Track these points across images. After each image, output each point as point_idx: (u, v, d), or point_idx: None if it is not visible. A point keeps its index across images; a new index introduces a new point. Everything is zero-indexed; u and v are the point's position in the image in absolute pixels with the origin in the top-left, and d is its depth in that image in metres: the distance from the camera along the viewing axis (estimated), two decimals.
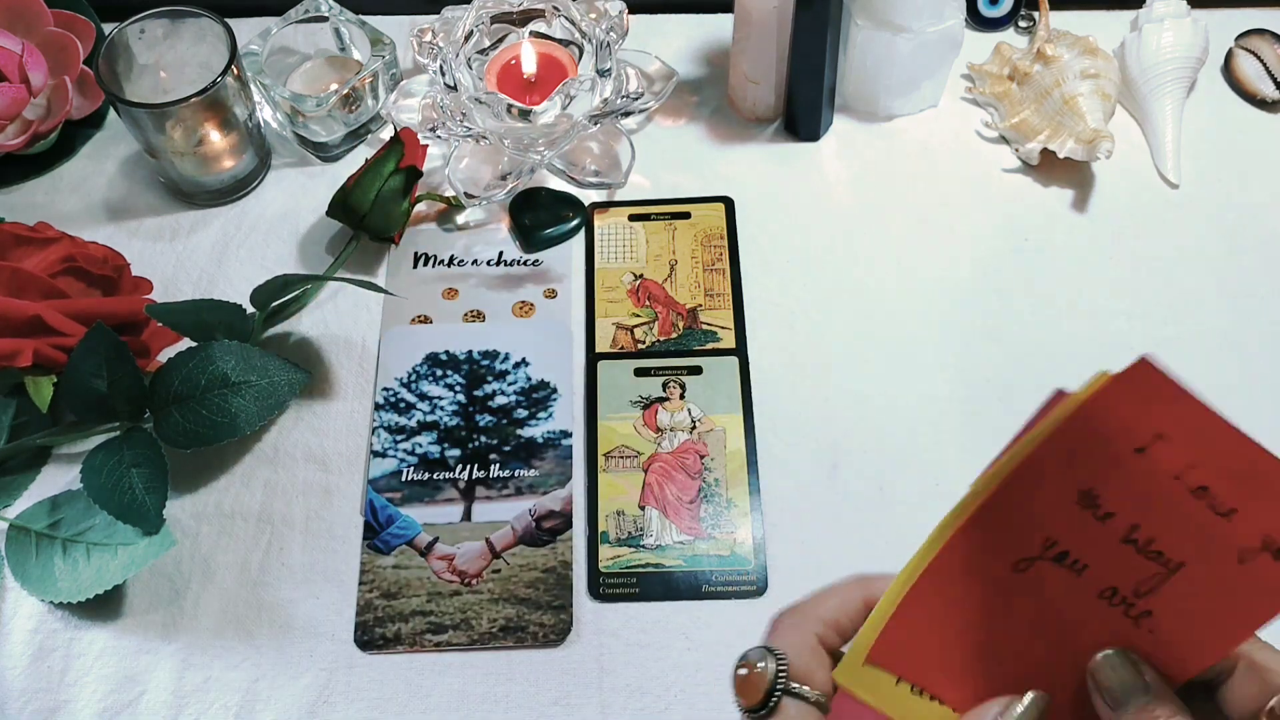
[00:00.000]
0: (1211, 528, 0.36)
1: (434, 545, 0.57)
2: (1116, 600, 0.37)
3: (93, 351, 0.55)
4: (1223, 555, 0.36)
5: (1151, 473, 0.35)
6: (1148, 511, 0.36)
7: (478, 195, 0.65)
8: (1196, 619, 0.37)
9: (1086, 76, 0.67)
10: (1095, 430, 0.36)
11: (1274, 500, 0.35)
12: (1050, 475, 0.36)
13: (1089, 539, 0.36)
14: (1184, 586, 0.36)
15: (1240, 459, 0.36)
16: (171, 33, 0.66)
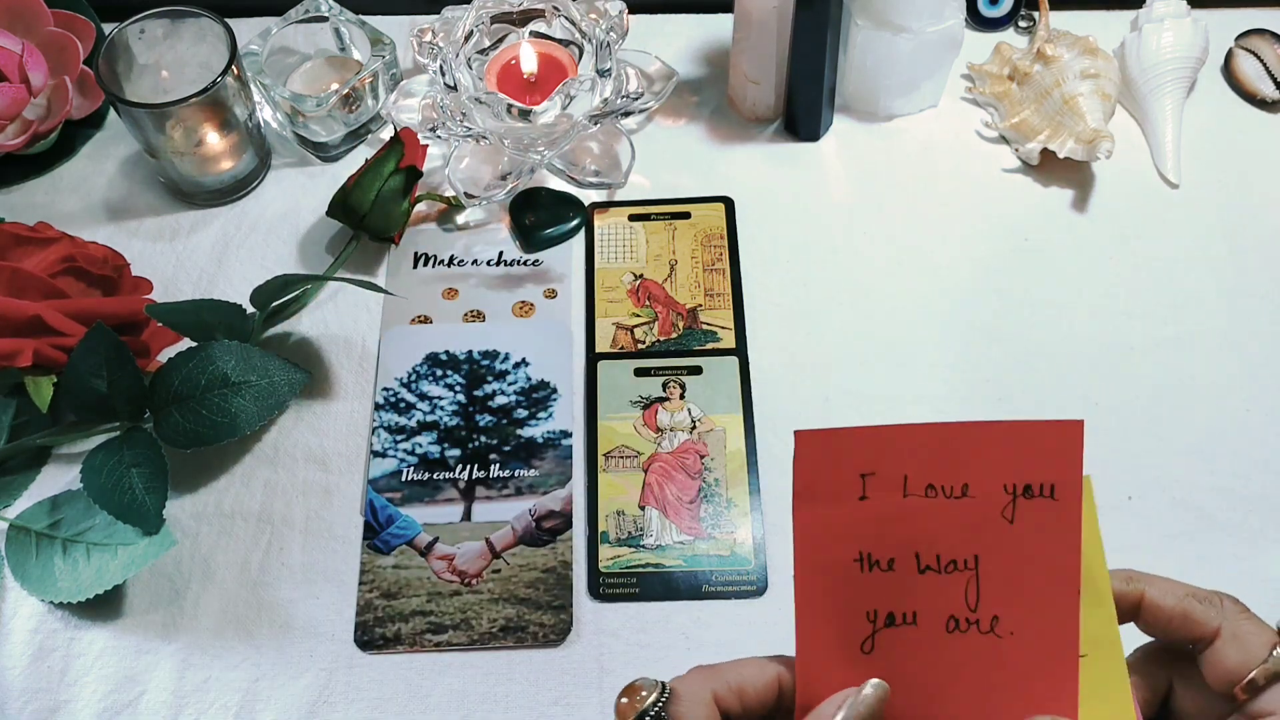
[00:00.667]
0: (965, 513, 0.38)
1: (434, 545, 0.57)
2: (964, 625, 0.39)
3: (93, 351, 0.55)
4: (995, 527, 0.39)
5: (886, 506, 0.39)
6: (915, 536, 0.39)
7: (478, 195, 0.65)
8: (1028, 590, 0.38)
9: (1086, 76, 0.67)
10: (818, 508, 0.39)
11: (976, 457, 0.38)
12: (823, 563, 0.39)
13: (896, 590, 0.39)
14: (996, 572, 0.39)
15: (929, 447, 0.39)
16: (171, 33, 0.66)
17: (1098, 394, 0.61)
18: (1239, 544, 0.56)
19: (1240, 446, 0.59)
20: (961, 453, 0.39)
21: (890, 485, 0.39)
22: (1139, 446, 0.59)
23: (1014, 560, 0.39)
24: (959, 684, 0.39)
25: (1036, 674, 0.39)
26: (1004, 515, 0.38)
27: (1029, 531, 0.38)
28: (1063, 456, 0.39)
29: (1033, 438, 0.39)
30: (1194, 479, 0.58)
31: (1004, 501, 0.38)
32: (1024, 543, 0.39)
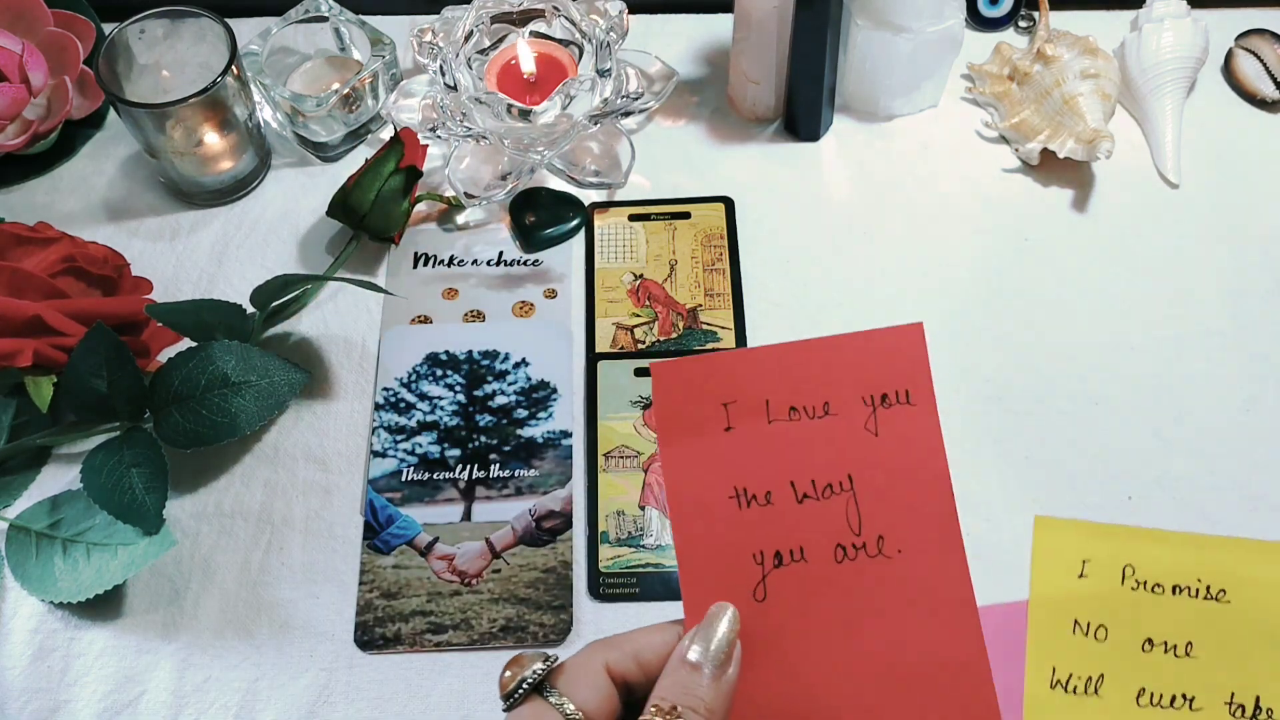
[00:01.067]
0: (830, 432, 0.39)
1: (434, 545, 0.57)
2: (852, 552, 0.38)
3: (93, 351, 0.55)
4: (861, 442, 0.39)
5: (753, 435, 0.39)
6: (787, 463, 0.39)
7: (478, 195, 0.65)
8: (905, 502, 0.39)
9: (1086, 76, 0.67)
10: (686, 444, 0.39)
11: (831, 373, 0.39)
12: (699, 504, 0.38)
13: (779, 525, 0.38)
14: (872, 488, 0.39)
15: (784, 367, 0.39)
16: (171, 33, 0.66)
17: (1098, 394, 0.61)
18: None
19: (1240, 446, 0.59)
20: (816, 370, 0.39)
21: (753, 411, 0.39)
22: (1139, 446, 0.59)
23: (886, 473, 0.39)
24: (862, 615, 0.38)
25: (931, 586, 0.38)
26: (867, 428, 0.39)
27: (894, 441, 0.39)
28: (910, 361, 0.39)
29: (879, 347, 0.39)
30: (1194, 479, 0.58)
31: (865, 414, 0.39)
32: (891, 453, 0.39)
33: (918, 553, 0.38)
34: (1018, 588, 0.55)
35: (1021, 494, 0.58)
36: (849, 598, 0.38)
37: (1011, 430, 0.60)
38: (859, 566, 0.38)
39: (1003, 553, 0.56)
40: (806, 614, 0.38)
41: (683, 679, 0.36)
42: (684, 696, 0.36)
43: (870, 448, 0.39)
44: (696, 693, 0.36)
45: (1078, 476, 0.58)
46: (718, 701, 0.36)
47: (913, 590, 0.38)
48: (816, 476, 0.38)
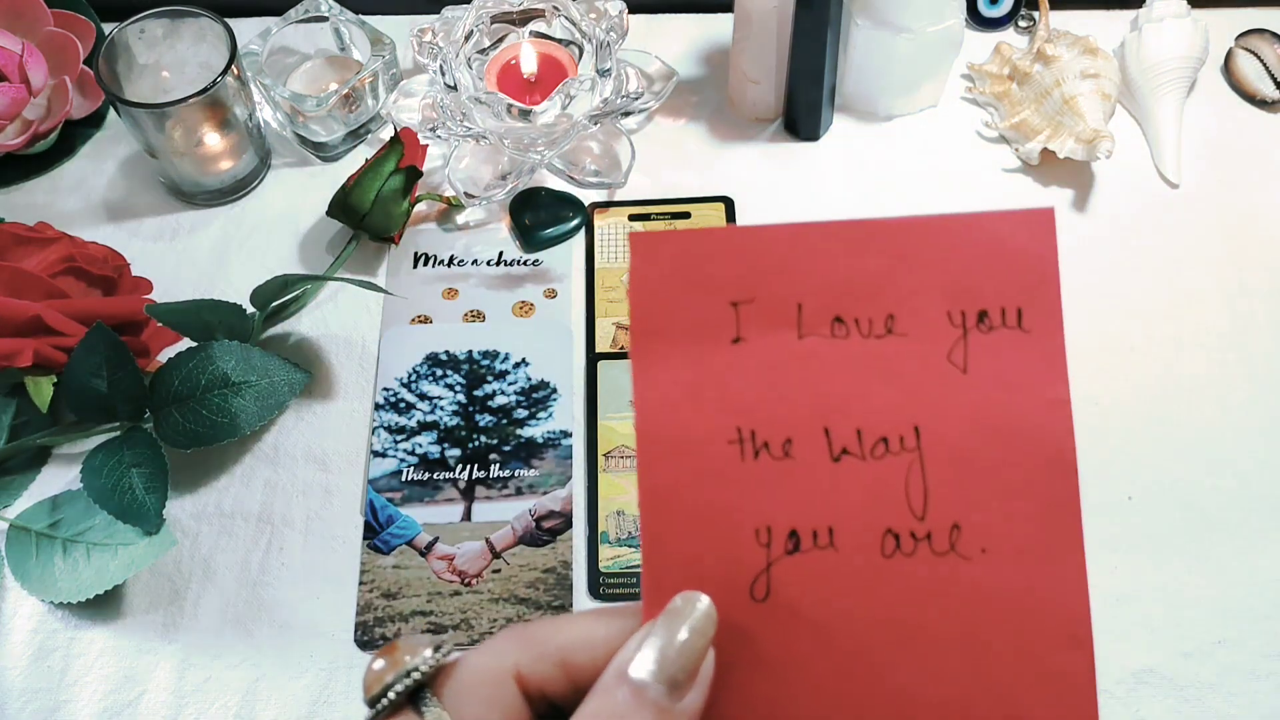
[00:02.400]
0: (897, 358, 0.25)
1: (434, 545, 0.57)
2: (908, 544, 0.25)
3: (93, 351, 0.55)
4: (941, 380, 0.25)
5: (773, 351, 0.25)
6: (821, 400, 0.25)
7: (478, 195, 0.65)
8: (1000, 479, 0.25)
9: (1086, 76, 0.67)
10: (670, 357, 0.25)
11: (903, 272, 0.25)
12: (681, 446, 0.25)
13: (800, 490, 0.25)
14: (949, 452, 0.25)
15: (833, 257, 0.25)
16: (171, 33, 0.66)
17: (1098, 393, 0.61)
18: (1239, 544, 0.56)
19: (1240, 446, 0.59)
20: (881, 264, 0.25)
21: (778, 317, 0.25)
22: (1139, 446, 0.59)
23: (974, 432, 0.25)
24: (914, 639, 0.25)
25: (1028, 610, 0.25)
26: (952, 360, 0.26)
27: (991, 383, 0.26)
28: (1032, 264, 0.27)
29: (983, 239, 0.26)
30: (1194, 479, 0.58)
31: (950, 339, 0.26)
32: (986, 402, 0.25)
33: (1013, 558, 0.25)
34: None
35: None
36: (898, 611, 0.25)
37: None
38: (918, 566, 0.25)
39: None
40: (830, 627, 0.25)
41: (616, 706, 0.24)
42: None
43: (953, 389, 0.26)
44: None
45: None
46: None
47: (998, 612, 0.25)
48: (865, 425, 0.25)
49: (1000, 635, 0.25)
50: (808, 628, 0.25)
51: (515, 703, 0.26)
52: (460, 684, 0.26)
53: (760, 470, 0.25)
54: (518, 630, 0.26)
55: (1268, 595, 0.54)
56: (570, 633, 0.26)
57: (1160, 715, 0.51)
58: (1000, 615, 0.25)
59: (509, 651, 0.26)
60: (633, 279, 0.25)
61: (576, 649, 0.26)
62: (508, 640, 0.26)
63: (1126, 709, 0.52)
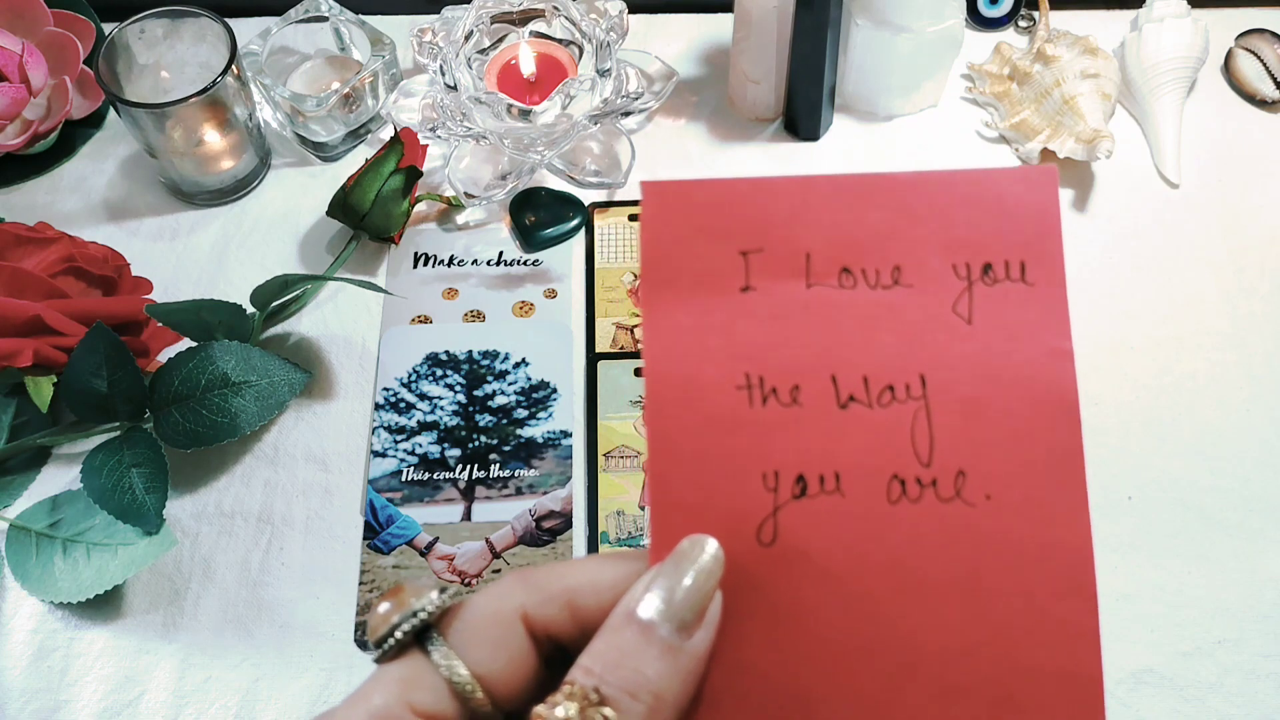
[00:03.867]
0: (903, 308, 0.26)
1: (434, 545, 0.57)
2: (914, 490, 0.26)
3: (93, 351, 0.55)
4: (947, 331, 0.26)
5: (781, 300, 0.26)
6: (828, 348, 0.26)
7: (478, 195, 0.65)
8: (1005, 428, 0.26)
9: (1086, 76, 0.67)
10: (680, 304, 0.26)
11: (911, 225, 0.26)
12: (691, 393, 0.26)
13: (807, 436, 0.26)
14: (956, 402, 0.26)
15: (841, 209, 0.26)
16: (171, 33, 0.66)
17: (1098, 394, 0.61)
18: (1239, 544, 0.56)
19: (1240, 446, 0.59)
20: (888, 217, 0.26)
21: (787, 266, 0.26)
22: (1139, 446, 0.59)
23: (978, 381, 0.26)
24: (920, 584, 0.25)
25: (1032, 557, 0.25)
26: (957, 311, 0.27)
27: (995, 334, 0.27)
28: (1035, 220, 0.28)
29: (988, 195, 0.27)
30: (1194, 479, 0.58)
31: (956, 290, 0.27)
32: (990, 352, 0.26)
33: (1016, 505, 0.25)
34: None
35: None
36: (902, 557, 0.26)
37: None
38: (923, 512, 0.26)
39: None
40: (833, 572, 0.26)
41: (624, 644, 0.24)
42: (620, 671, 0.24)
43: (957, 340, 0.26)
44: (640, 667, 0.24)
45: None
46: (670, 682, 0.24)
47: (1002, 558, 0.25)
48: (872, 373, 0.26)
49: (1003, 581, 0.25)
50: (814, 572, 0.26)
51: (522, 644, 0.26)
52: (466, 625, 0.26)
53: (768, 416, 0.26)
54: (523, 573, 0.27)
55: (1268, 595, 0.54)
56: (577, 576, 0.26)
57: (1160, 715, 0.51)
58: (1004, 561, 0.25)
59: (515, 594, 0.26)
60: (644, 226, 0.27)
61: (583, 591, 0.26)
62: (513, 583, 0.26)
63: (1126, 709, 0.52)
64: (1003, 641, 0.25)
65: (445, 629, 0.26)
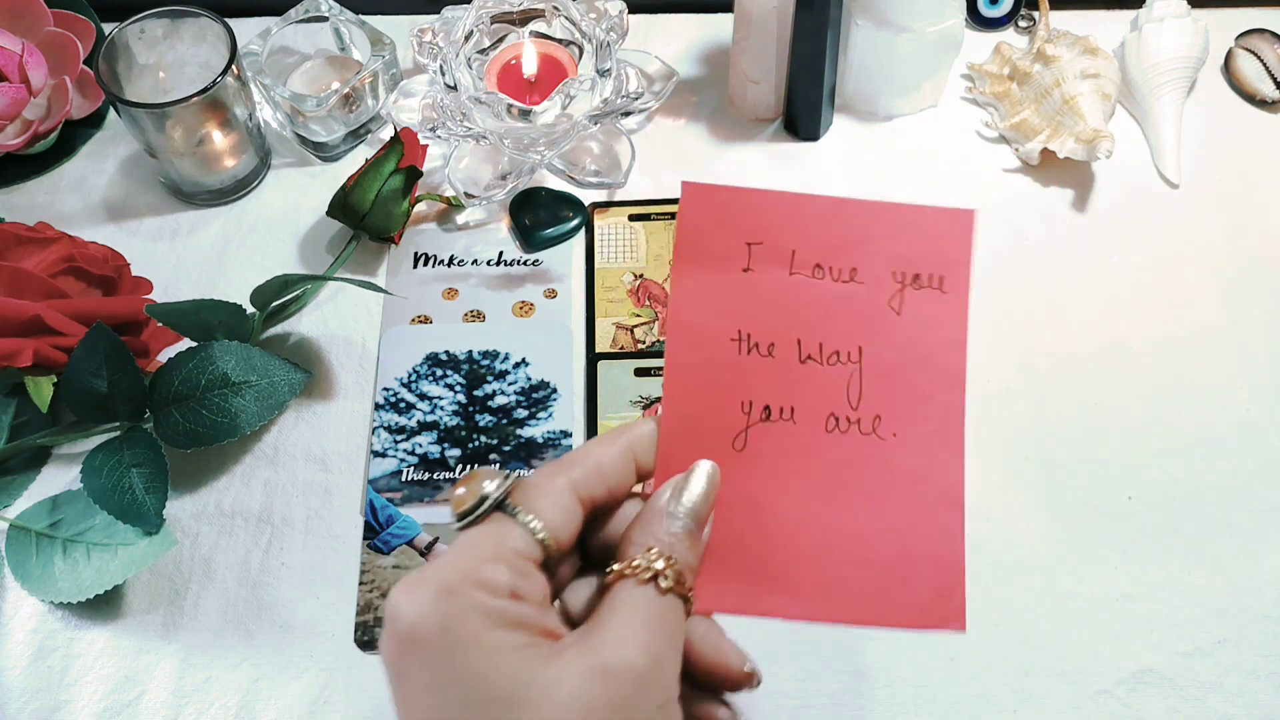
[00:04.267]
0: (851, 299, 0.37)
1: (434, 545, 0.57)
2: (844, 424, 0.37)
3: (93, 351, 0.55)
4: (881, 317, 0.37)
5: (770, 281, 0.37)
6: (798, 320, 0.37)
7: (478, 195, 0.65)
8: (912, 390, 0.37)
9: (1086, 76, 0.67)
10: (701, 273, 0.37)
11: (867, 239, 0.37)
12: (700, 337, 0.37)
13: (775, 380, 0.37)
14: (881, 367, 0.37)
15: (820, 220, 0.37)
16: (171, 33, 0.66)
17: (1098, 394, 0.61)
18: (1239, 544, 0.56)
19: (1240, 446, 0.59)
20: (852, 232, 0.37)
21: (777, 258, 0.37)
22: (1139, 446, 0.59)
23: (899, 355, 0.37)
24: (841, 488, 0.36)
25: (921, 477, 0.36)
26: (891, 305, 0.37)
27: (914, 324, 0.37)
28: (954, 247, 0.37)
29: (924, 224, 0.37)
30: (1194, 479, 0.58)
31: (892, 290, 0.37)
32: (909, 336, 0.37)
33: (914, 442, 0.36)
34: (1018, 586, 0.55)
35: (1021, 494, 0.58)
36: (831, 469, 0.36)
37: (1011, 430, 0.60)
38: (848, 441, 0.37)
39: (1002, 552, 0.56)
40: (783, 474, 0.36)
41: (659, 533, 0.34)
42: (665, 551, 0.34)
43: (888, 325, 0.37)
44: (676, 550, 0.34)
45: (1078, 476, 0.58)
46: (694, 560, 0.34)
47: (900, 477, 0.36)
48: (825, 340, 0.37)
49: (900, 494, 0.36)
50: (769, 473, 0.36)
51: (574, 507, 0.34)
52: (534, 494, 0.34)
53: (750, 363, 0.37)
54: (556, 463, 0.35)
55: (1268, 595, 0.54)
56: (598, 455, 0.35)
57: (1160, 715, 0.51)
58: (902, 480, 0.37)
59: (560, 472, 0.35)
60: (681, 214, 0.37)
61: (607, 465, 0.35)
62: (555, 467, 0.35)
63: (1126, 709, 0.52)
64: (897, 534, 0.36)
65: (517, 498, 0.34)
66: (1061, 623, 0.54)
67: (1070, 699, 0.52)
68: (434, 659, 0.30)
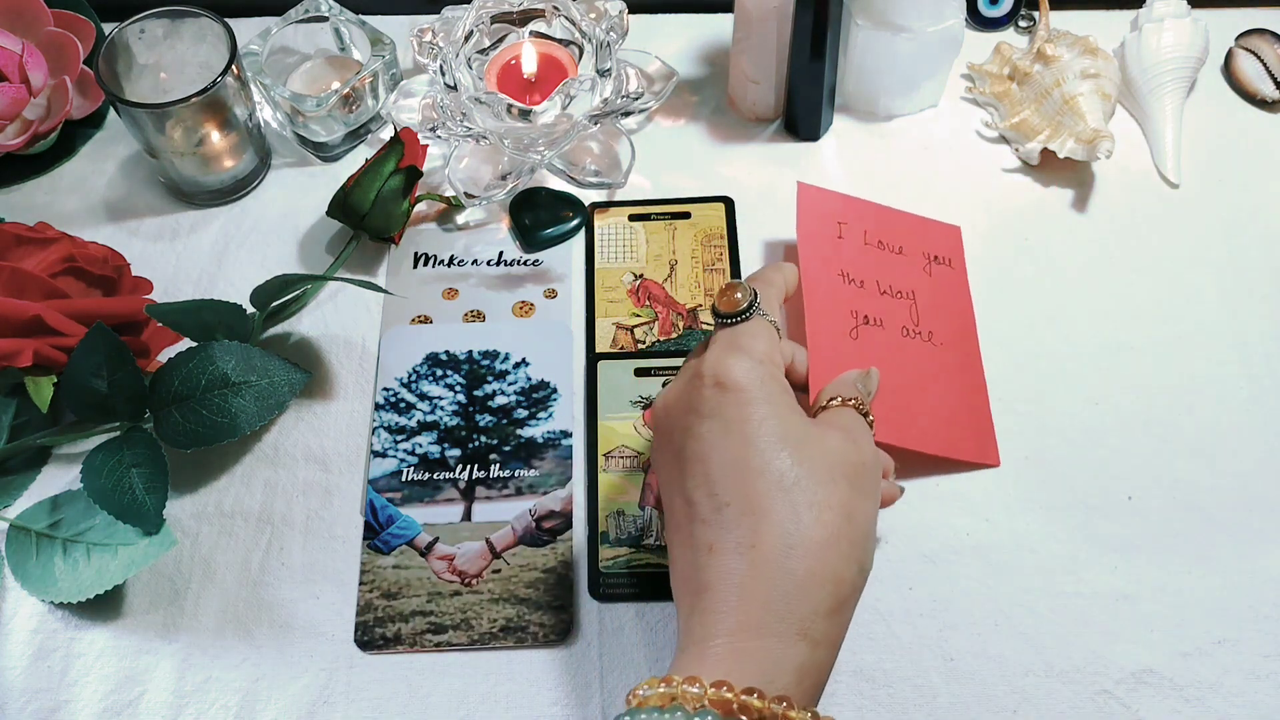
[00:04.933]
0: (901, 264, 0.61)
1: (434, 545, 0.57)
2: (912, 334, 0.59)
3: (93, 351, 0.55)
4: (920, 276, 0.62)
5: (854, 246, 0.61)
6: (874, 269, 0.60)
7: (478, 195, 0.65)
8: (946, 318, 0.61)
9: (1086, 76, 0.67)
10: (814, 240, 0.60)
11: (906, 234, 0.63)
12: (820, 277, 0.58)
13: (867, 301, 0.59)
14: (926, 305, 0.60)
15: (877, 217, 0.63)
16: (171, 33, 0.66)
17: (1098, 394, 0.61)
18: (1239, 544, 0.56)
19: (1240, 446, 0.59)
20: (898, 228, 0.63)
21: (857, 234, 0.61)
22: (1139, 446, 0.59)
23: (934, 299, 0.61)
24: (909, 369, 0.58)
25: (956, 368, 0.59)
26: (925, 271, 0.62)
27: (939, 283, 0.62)
28: (953, 244, 0.64)
29: (935, 229, 0.64)
30: (1194, 479, 0.58)
31: (924, 263, 0.62)
32: (938, 289, 0.62)
33: (951, 348, 0.60)
34: (1018, 586, 0.55)
35: (1021, 494, 0.58)
36: (907, 355, 0.58)
37: (1011, 430, 0.60)
38: (916, 343, 0.59)
39: (1003, 552, 0.56)
40: (879, 356, 0.57)
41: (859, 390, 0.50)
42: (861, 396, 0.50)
43: (925, 281, 0.61)
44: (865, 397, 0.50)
45: (1078, 476, 0.58)
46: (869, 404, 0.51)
47: (948, 368, 0.59)
48: (893, 284, 0.60)
49: (947, 380, 0.59)
50: (871, 354, 0.57)
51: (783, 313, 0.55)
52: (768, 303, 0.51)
53: (851, 290, 0.59)
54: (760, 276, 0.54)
55: (1268, 595, 0.54)
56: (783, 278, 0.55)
57: (1160, 715, 0.51)
58: (949, 369, 0.59)
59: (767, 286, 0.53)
60: (800, 206, 0.61)
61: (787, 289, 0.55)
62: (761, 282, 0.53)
63: (1126, 709, 0.52)
64: (950, 399, 0.59)
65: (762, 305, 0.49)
66: (1061, 623, 0.54)
67: (1070, 699, 0.52)
68: (753, 404, 0.44)
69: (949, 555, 0.56)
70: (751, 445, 0.43)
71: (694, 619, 0.42)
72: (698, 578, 0.42)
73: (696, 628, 0.41)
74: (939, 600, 0.55)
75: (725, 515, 0.42)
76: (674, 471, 0.45)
